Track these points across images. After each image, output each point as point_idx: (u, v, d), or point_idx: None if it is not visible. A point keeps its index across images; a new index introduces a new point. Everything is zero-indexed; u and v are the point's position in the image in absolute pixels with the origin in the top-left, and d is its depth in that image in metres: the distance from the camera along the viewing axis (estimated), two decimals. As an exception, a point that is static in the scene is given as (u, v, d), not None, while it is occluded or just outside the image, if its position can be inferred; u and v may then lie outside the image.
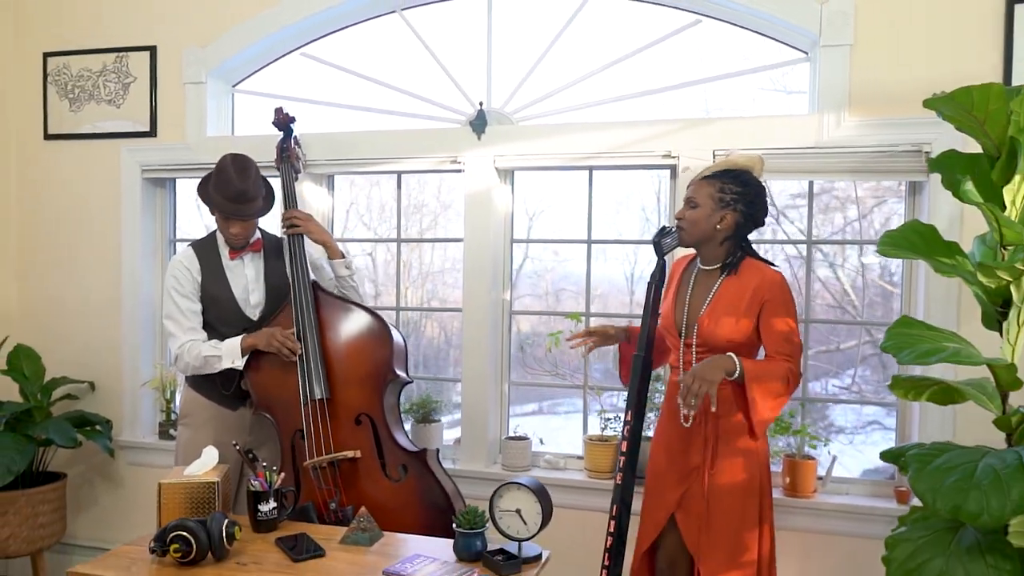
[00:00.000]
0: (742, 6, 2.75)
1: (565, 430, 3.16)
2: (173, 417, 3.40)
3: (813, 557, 2.69)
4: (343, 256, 2.70)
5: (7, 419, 3.08)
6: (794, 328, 2.16)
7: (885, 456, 2.25)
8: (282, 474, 2.20)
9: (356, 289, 2.73)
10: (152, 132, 3.36)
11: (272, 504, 2.05)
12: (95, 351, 3.46)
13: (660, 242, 2.24)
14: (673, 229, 2.25)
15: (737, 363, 2.08)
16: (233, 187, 2.51)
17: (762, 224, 2.28)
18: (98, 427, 3.28)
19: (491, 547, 1.90)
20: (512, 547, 1.89)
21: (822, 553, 2.68)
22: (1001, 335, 2.00)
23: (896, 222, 2.76)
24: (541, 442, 3.07)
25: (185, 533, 1.77)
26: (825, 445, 2.78)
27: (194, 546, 1.77)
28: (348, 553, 1.96)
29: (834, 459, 2.78)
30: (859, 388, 3.07)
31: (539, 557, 1.90)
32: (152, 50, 3.34)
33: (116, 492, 3.48)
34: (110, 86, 3.41)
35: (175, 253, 3.50)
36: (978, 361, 1.85)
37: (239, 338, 2.57)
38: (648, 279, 2.25)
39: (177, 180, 3.49)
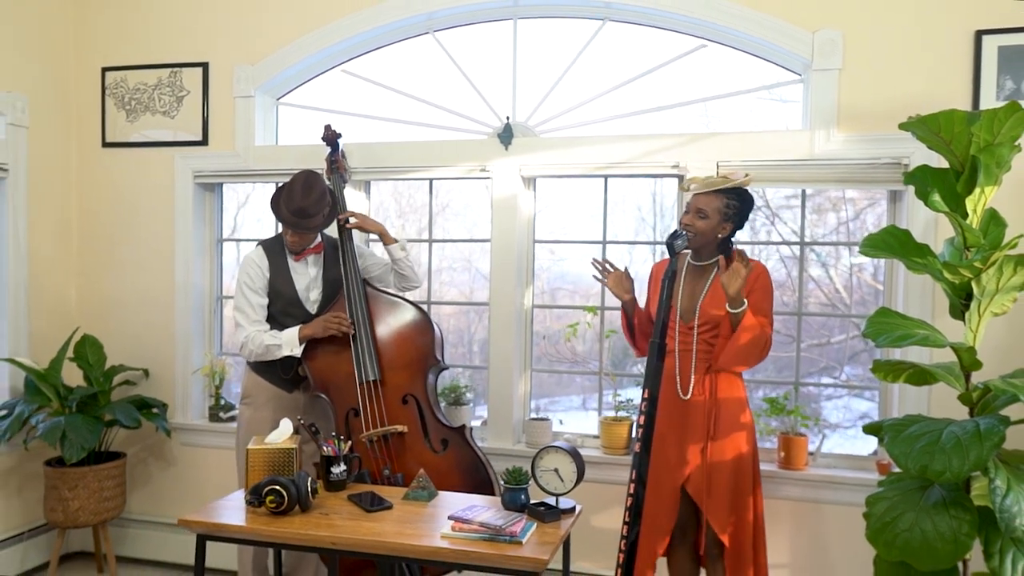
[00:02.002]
0: (742, 32, 3.09)
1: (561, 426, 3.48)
2: (222, 402, 3.72)
3: (804, 522, 3.03)
4: (396, 241, 3.02)
5: (77, 401, 3.40)
6: (770, 307, 2.57)
7: (867, 429, 2.60)
8: (349, 442, 2.53)
9: (412, 268, 3.04)
10: (204, 141, 3.68)
11: (342, 467, 2.39)
12: (149, 341, 3.78)
13: (672, 243, 2.56)
14: (683, 232, 2.59)
15: (746, 304, 2.47)
16: (295, 203, 2.84)
17: (742, 227, 2.68)
18: (155, 410, 3.60)
19: (533, 501, 2.24)
20: (551, 501, 2.23)
21: (812, 519, 3.02)
22: (964, 323, 2.34)
23: (884, 224, 3.10)
24: (560, 423, 3.41)
25: (279, 487, 2.10)
26: (816, 424, 3.12)
27: (286, 498, 2.10)
28: (411, 506, 2.29)
29: (823, 436, 3.12)
30: (847, 378, 3.41)
31: (573, 509, 2.24)
32: (204, 66, 3.66)
33: (169, 471, 3.79)
34: (164, 99, 3.73)
35: (222, 252, 3.85)
36: (942, 344, 2.20)
37: (296, 328, 2.90)
38: (653, 275, 2.62)
39: (224, 185, 3.81)
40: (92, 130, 3.84)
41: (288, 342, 2.89)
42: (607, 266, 2.76)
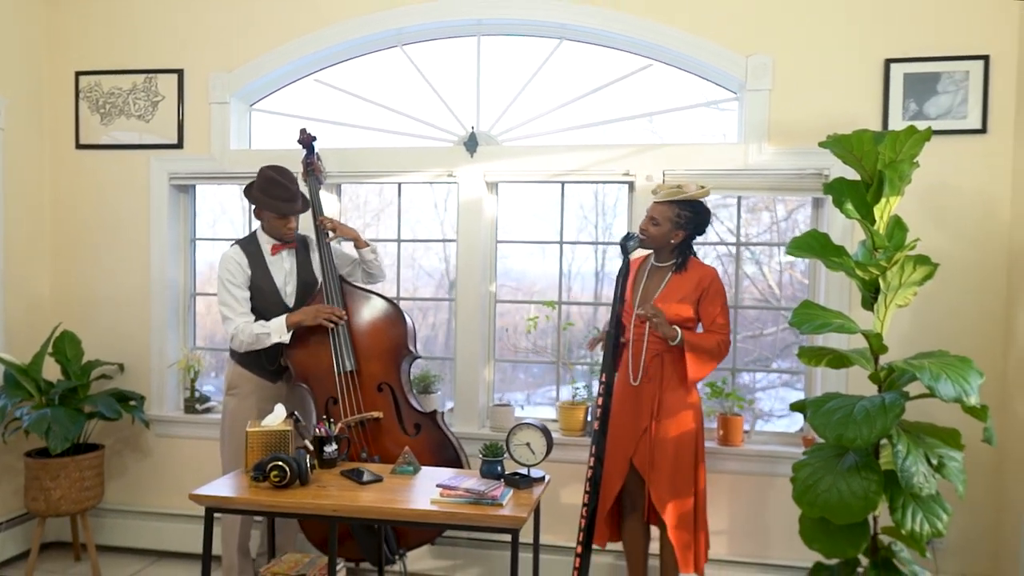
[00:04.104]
0: (684, 55, 3.44)
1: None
2: (197, 394, 3.89)
3: (741, 492, 3.40)
4: (368, 244, 3.26)
5: (59, 395, 3.52)
6: (725, 311, 2.86)
7: (793, 406, 2.98)
8: (340, 424, 2.77)
9: (380, 266, 3.31)
10: (179, 144, 3.84)
11: (334, 446, 2.63)
12: (124, 337, 3.91)
13: (625, 244, 2.89)
14: (636, 235, 2.91)
15: (679, 334, 2.78)
16: (288, 191, 3.09)
17: (703, 234, 2.99)
18: (132, 402, 3.74)
19: (508, 472, 2.53)
20: (523, 471, 2.52)
21: (748, 489, 3.39)
22: (874, 314, 2.73)
23: (810, 225, 3.52)
24: (522, 408, 3.71)
25: (282, 463, 2.33)
26: (750, 406, 3.50)
27: (288, 473, 2.33)
28: (399, 479, 2.56)
29: (756, 417, 3.50)
30: (778, 365, 3.81)
31: (543, 478, 2.54)
32: (180, 73, 3.82)
33: (144, 461, 3.94)
34: (139, 103, 3.87)
35: (195, 250, 4.01)
36: (854, 330, 2.59)
37: (284, 317, 3.10)
38: (616, 274, 2.92)
39: (197, 186, 3.97)
40: (66, 132, 3.95)
41: (277, 330, 3.09)
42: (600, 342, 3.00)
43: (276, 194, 3.08)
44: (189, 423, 3.86)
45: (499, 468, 2.51)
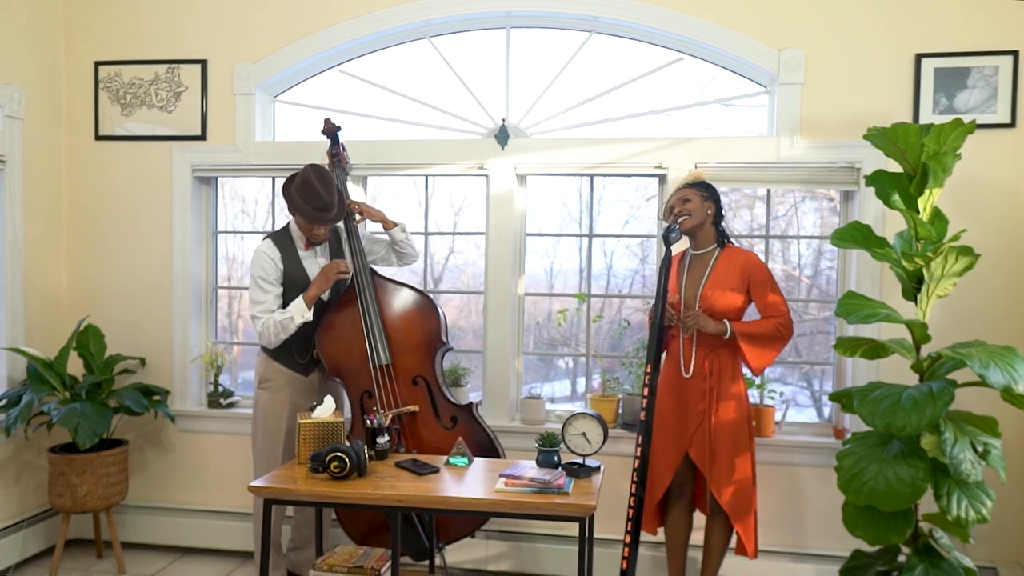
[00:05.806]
0: (716, 48, 3.46)
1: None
2: (220, 389, 3.85)
3: (773, 482, 3.43)
4: (396, 224, 3.24)
5: (85, 389, 3.47)
6: (778, 293, 2.89)
7: (832, 396, 3.02)
8: (390, 414, 2.75)
9: (412, 245, 3.31)
10: (203, 136, 3.79)
11: (386, 437, 2.61)
12: (145, 331, 3.86)
13: (668, 236, 2.91)
14: (677, 226, 2.93)
15: (728, 328, 2.79)
16: (321, 199, 3.02)
17: (722, 215, 3.01)
18: (156, 397, 3.69)
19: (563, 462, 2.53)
20: (579, 461, 2.53)
21: (779, 478, 3.43)
22: (916, 304, 2.77)
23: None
24: (552, 401, 3.71)
25: (341, 454, 2.31)
26: (781, 396, 3.53)
27: (347, 464, 2.31)
28: (455, 470, 2.55)
29: (787, 406, 3.54)
30: (795, 358, 3.83)
31: (598, 468, 2.55)
32: (203, 63, 3.77)
33: (167, 457, 3.89)
34: (161, 94, 3.81)
35: (217, 243, 3.96)
36: (900, 320, 2.62)
37: (300, 297, 3.06)
38: (659, 265, 2.94)
39: (219, 178, 3.93)
40: (85, 123, 3.88)
41: (297, 311, 3.03)
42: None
43: (310, 200, 3.02)
44: (213, 418, 3.82)
45: (556, 458, 2.51)
